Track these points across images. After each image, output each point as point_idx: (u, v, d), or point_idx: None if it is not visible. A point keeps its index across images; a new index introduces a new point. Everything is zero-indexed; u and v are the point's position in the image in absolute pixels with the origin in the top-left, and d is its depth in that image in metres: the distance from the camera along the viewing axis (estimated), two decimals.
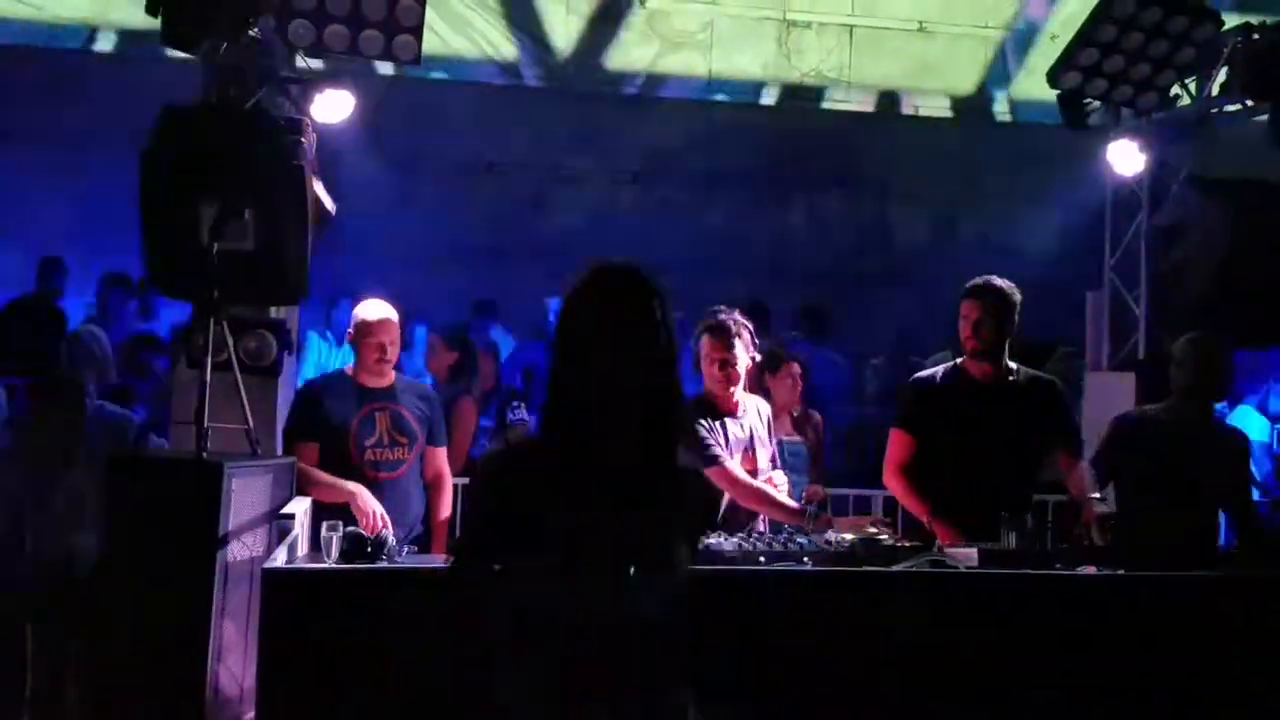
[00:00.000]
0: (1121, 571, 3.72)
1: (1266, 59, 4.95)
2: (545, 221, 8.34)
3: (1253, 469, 5.07)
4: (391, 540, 3.50)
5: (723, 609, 3.21)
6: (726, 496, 4.09)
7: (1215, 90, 5.16)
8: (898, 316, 8.02)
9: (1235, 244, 4.74)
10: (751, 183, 8.71)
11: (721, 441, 4.13)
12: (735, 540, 3.69)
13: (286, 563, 3.35)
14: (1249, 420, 6.25)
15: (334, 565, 3.35)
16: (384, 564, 3.40)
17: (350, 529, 3.48)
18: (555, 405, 2.09)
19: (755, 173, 8.67)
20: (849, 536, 3.83)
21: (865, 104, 8.60)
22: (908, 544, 3.87)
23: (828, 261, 8.68)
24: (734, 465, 4.12)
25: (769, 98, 8.65)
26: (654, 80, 8.56)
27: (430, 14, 7.82)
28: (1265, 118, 5.03)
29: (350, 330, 4.25)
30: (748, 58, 8.54)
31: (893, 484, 4.29)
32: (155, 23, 4.16)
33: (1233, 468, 4.32)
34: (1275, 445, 6.94)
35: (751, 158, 8.57)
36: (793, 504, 4.14)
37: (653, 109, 8.54)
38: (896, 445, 4.24)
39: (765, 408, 4.39)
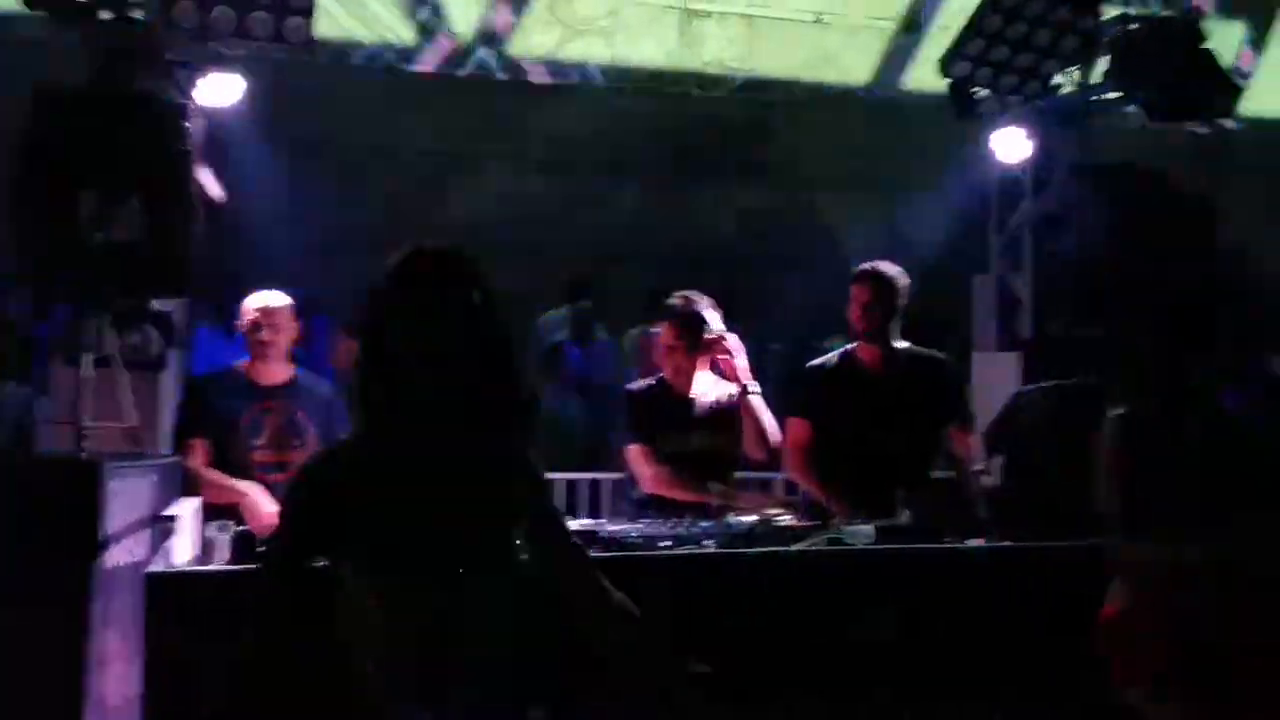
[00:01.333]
0: (1008, 543, 3.85)
1: (1142, 48, 5.12)
2: (447, 210, 8.26)
3: None
4: None
5: (626, 594, 3.22)
6: (648, 478, 4.12)
7: (1096, 79, 5.32)
8: (800, 303, 8.14)
9: (1115, 229, 4.91)
10: (655, 171, 8.75)
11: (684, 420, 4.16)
12: (638, 525, 3.73)
13: (171, 566, 3.27)
14: None
15: (222, 567, 3.28)
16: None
17: (239, 529, 3.41)
18: (367, 399, 1.98)
19: (659, 161, 8.71)
20: (750, 518, 3.91)
21: (766, 93, 8.69)
22: (807, 524, 3.96)
23: (730, 249, 8.76)
24: (638, 449, 4.15)
25: (672, 86, 8.68)
26: (557, 67, 8.53)
27: None
28: (1140, 106, 5.21)
29: (238, 322, 4.16)
30: (650, 46, 8.55)
31: (794, 471, 4.37)
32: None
33: None
34: None
35: (655, 146, 8.60)
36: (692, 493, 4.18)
37: (556, 96, 8.51)
38: (794, 432, 4.33)
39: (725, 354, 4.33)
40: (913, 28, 7.60)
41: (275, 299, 4.14)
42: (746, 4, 8.51)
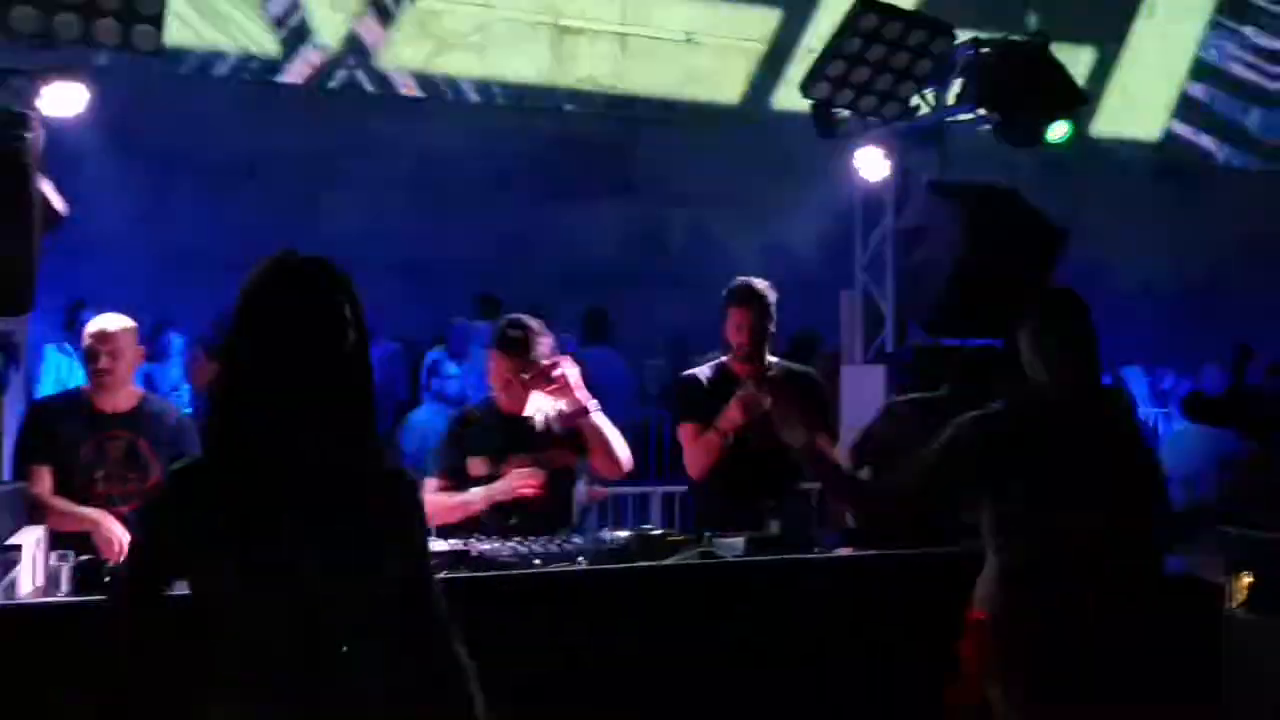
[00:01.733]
0: (871, 552, 3.93)
1: (994, 71, 5.31)
2: (315, 226, 8.08)
3: None
4: None
5: (498, 614, 3.18)
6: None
7: (951, 100, 5.49)
8: (674, 317, 8.21)
9: (968, 245, 5.06)
10: (529, 186, 8.73)
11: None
12: (510, 544, 3.69)
13: (14, 598, 3.11)
14: None
15: (65, 599, 3.12)
16: None
17: (84, 558, 3.25)
18: (225, 415, 1.91)
19: (532, 176, 8.70)
20: (623, 534, 3.91)
21: (638, 111, 8.77)
22: (679, 537, 3.98)
23: (606, 264, 8.80)
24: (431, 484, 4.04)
25: (545, 102, 8.69)
26: (426, 81, 8.45)
27: (183, 7, 7.53)
28: (992, 127, 5.40)
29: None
30: (522, 62, 8.55)
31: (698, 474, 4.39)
32: None
33: None
34: None
35: (528, 161, 8.59)
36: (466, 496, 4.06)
37: (427, 110, 8.43)
38: (689, 436, 4.35)
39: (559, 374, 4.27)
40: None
41: (113, 323, 3.89)
42: (618, 22, 8.60)
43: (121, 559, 3.46)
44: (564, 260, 8.46)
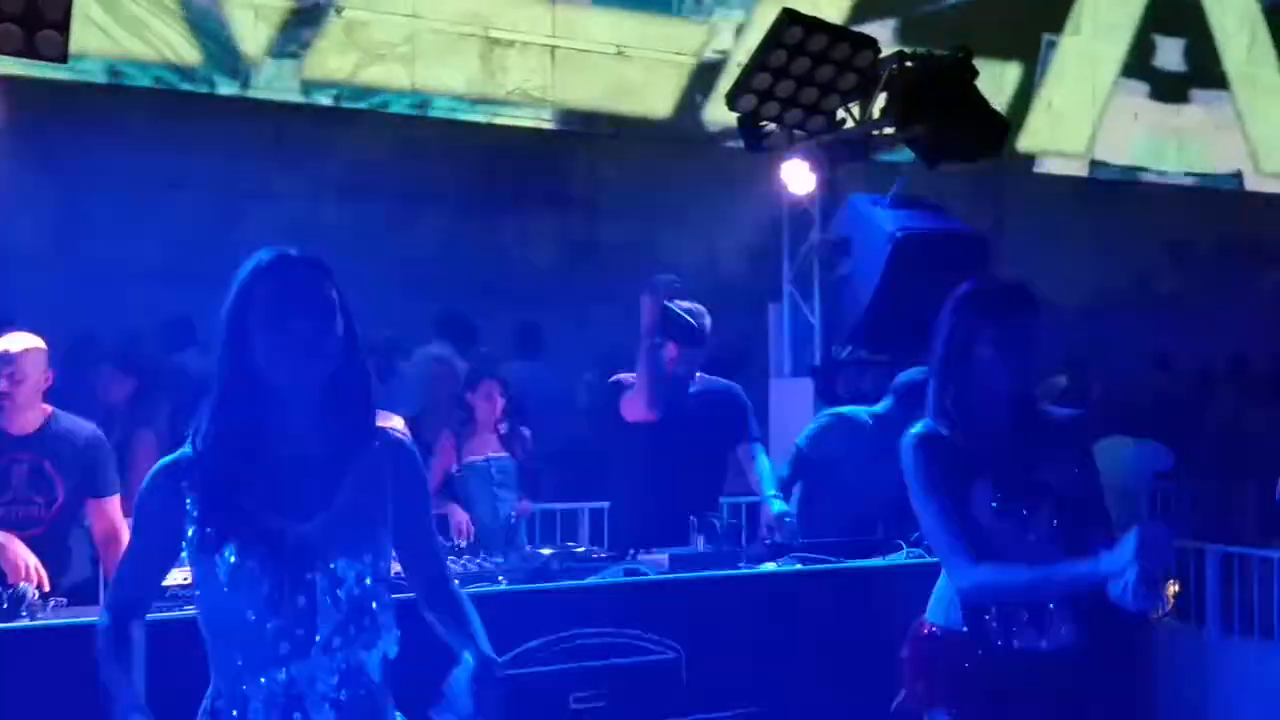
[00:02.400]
0: (799, 566, 3.90)
1: (917, 86, 5.35)
2: (237, 240, 7.90)
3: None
4: (32, 594, 3.17)
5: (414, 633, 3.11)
6: None
7: (875, 114, 5.53)
8: (606, 332, 8.16)
9: (893, 258, 5.09)
10: (459, 199, 8.64)
11: None
12: None
13: None
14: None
15: None
16: (24, 620, 3.09)
17: None
18: (221, 401, 1.98)
19: (462, 189, 8.61)
20: (545, 551, 3.85)
21: (568, 123, 8.73)
22: (604, 555, 3.93)
23: (537, 278, 8.72)
24: None
25: (474, 114, 8.62)
26: (353, 92, 8.33)
27: (99, 13, 7.34)
28: (913, 149, 5.44)
29: None
30: (451, 73, 8.47)
31: None
32: None
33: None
34: None
35: (458, 174, 8.50)
36: None
37: (353, 122, 8.31)
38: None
39: None
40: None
41: (15, 344, 3.74)
42: (548, 34, 8.55)
43: (27, 581, 3.36)
44: (491, 274, 8.38)
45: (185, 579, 3.06)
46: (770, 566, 3.94)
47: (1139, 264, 10.46)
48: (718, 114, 8.50)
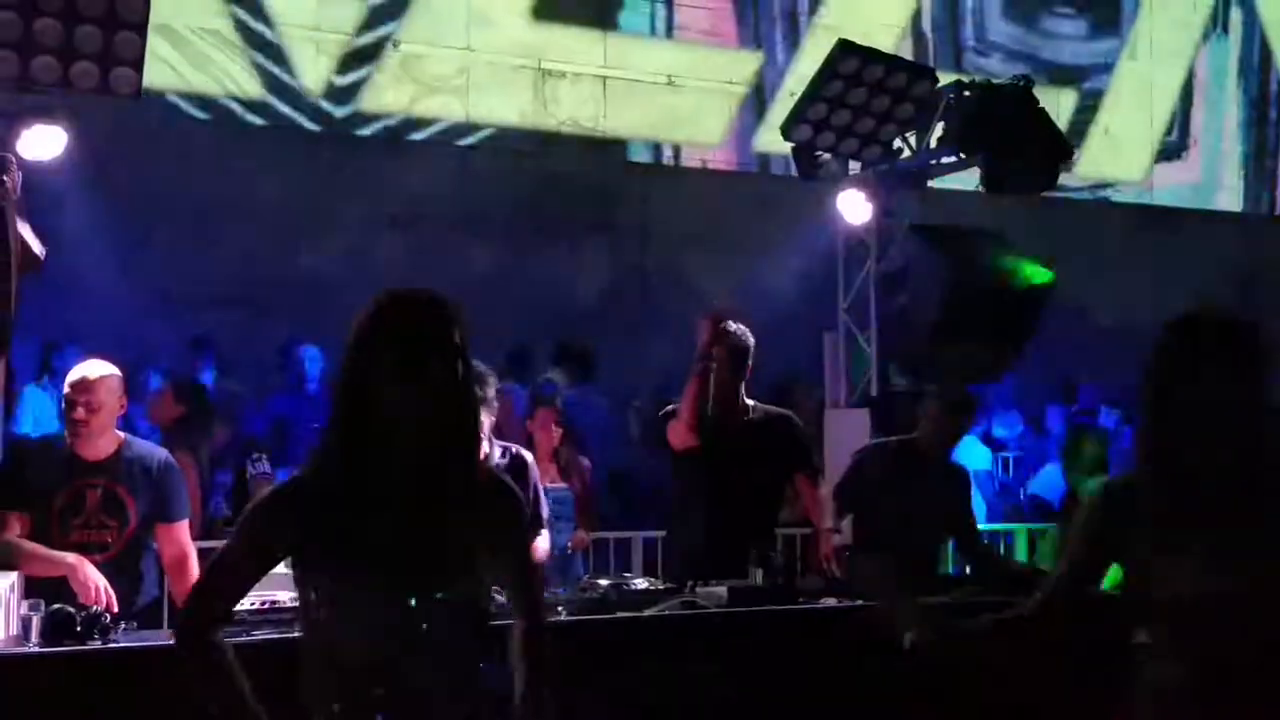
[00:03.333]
0: (859, 602, 3.86)
1: (976, 115, 5.32)
2: (295, 266, 8.04)
3: (977, 497, 5.40)
4: (106, 618, 3.21)
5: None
6: None
7: (933, 143, 5.51)
8: (657, 359, 8.16)
9: (951, 288, 5.06)
10: (512, 228, 8.72)
11: None
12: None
13: None
14: (972, 450, 6.67)
15: (36, 649, 3.06)
16: (96, 644, 3.12)
17: (56, 606, 3.17)
18: (344, 430, 2.05)
19: (515, 218, 8.68)
20: (603, 583, 3.86)
21: (620, 153, 8.79)
22: (661, 587, 3.92)
23: (589, 306, 8.77)
24: None
25: (527, 144, 8.70)
26: (410, 124, 8.46)
27: (167, 49, 7.54)
28: (975, 169, 5.41)
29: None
30: (504, 104, 8.58)
31: None
32: None
33: (955, 499, 4.57)
34: (998, 472, 7.43)
35: (511, 203, 8.58)
36: None
37: (410, 152, 8.43)
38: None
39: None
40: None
41: (93, 371, 3.78)
42: (600, 65, 8.63)
43: (100, 603, 3.43)
44: (545, 302, 8.43)
45: (252, 604, 3.13)
46: (831, 602, 3.91)
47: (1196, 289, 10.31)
48: (770, 142, 8.53)
